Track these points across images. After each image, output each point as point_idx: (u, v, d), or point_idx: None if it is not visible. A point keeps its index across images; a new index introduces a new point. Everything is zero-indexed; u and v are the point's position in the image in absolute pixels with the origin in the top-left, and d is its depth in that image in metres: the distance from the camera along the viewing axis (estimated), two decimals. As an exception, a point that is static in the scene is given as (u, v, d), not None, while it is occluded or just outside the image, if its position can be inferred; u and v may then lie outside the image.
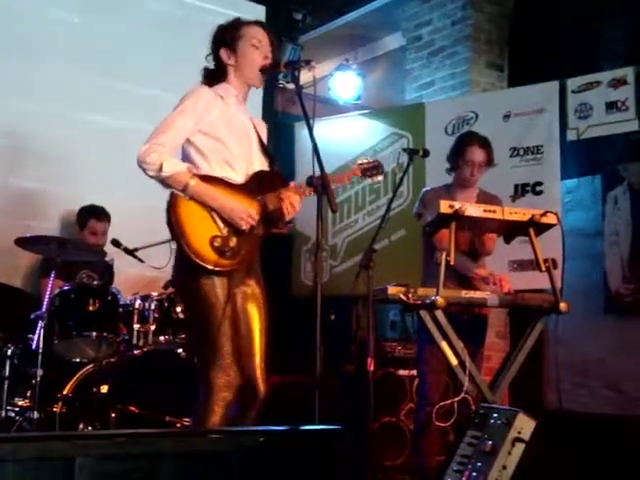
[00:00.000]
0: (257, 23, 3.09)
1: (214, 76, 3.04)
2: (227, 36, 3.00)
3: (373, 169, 3.31)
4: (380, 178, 3.36)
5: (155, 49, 5.47)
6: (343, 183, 3.38)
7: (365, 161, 3.34)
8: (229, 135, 2.92)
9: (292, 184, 3.04)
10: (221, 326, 2.79)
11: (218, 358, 2.80)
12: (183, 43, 5.55)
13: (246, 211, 2.86)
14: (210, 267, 2.78)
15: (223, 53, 3.00)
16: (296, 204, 2.95)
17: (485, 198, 3.96)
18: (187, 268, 2.83)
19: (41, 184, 5.04)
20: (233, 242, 2.83)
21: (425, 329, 3.39)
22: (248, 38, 2.98)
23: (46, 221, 5.01)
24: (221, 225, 2.83)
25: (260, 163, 3.04)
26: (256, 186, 2.96)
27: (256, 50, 2.97)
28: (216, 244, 2.80)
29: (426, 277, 3.89)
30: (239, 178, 2.94)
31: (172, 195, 2.82)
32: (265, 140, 3.16)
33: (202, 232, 2.80)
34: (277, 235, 3.01)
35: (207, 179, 2.88)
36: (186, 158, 2.96)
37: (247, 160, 2.97)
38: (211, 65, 3.07)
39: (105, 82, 5.22)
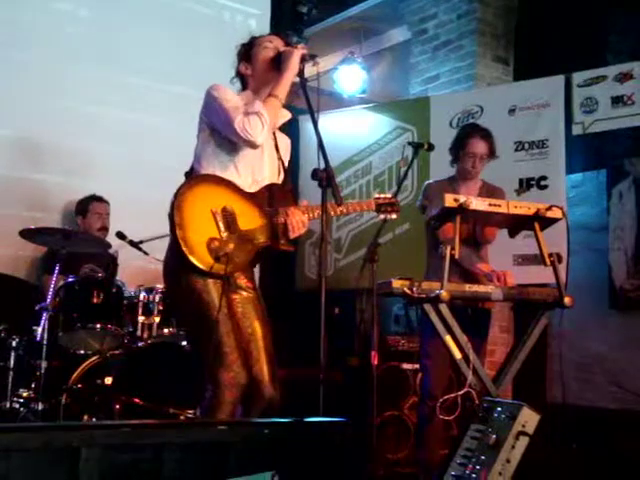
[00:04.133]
0: (271, 33, 3.15)
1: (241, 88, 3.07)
2: (243, 51, 3.05)
3: (388, 206, 3.27)
4: (395, 217, 3.32)
5: (160, 43, 5.46)
6: (354, 212, 3.35)
7: (382, 196, 3.31)
8: None
9: (304, 203, 3.03)
10: (220, 324, 2.78)
11: (222, 356, 2.79)
12: (188, 36, 5.56)
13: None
14: (202, 267, 2.78)
15: (242, 67, 3.05)
16: (303, 224, 2.95)
17: (489, 190, 3.95)
18: (180, 265, 2.82)
19: (46, 176, 5.05)
20: (230, 248, 2.82)
21: (428, 323, 3.39)
22: (259, 43, 3.02)
23: (51, 213, 5.01)
24: (222, 228, 2.83)
25: (270, 174, 3.03)
26: (266, 198, 2.96)
27: (267, 49, 2.99)
28: (213, 246, 2.79)
29: (429, 270, 3.89)
30: (243, 182, 2.93)
31: (179, 190, 2.83)
32: (285, 155, 3.15)
33: (202, 232, 2.80)
34: (281, 252, 2.98)
35: (217, 180, 2.89)
36: (197, 153, 2.97)
37: (254, 167, 2.95)
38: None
39: (114, 76, 5.22)
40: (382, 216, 3.31)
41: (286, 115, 3.13)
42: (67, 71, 5.09)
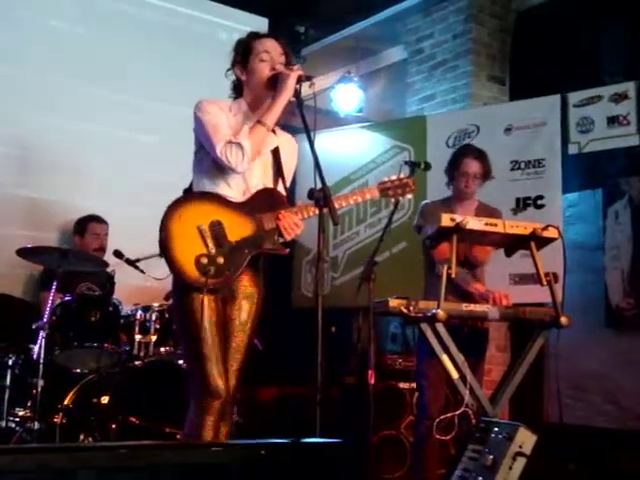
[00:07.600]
0: (269, 35, 3.06)
1: (236, 91, 3.05)
2: (240, 52, 3.00)
3: (399, 188, 3.13)
4: (410, 196, 3.20)
5: (158, 61, 5.50)
6: (356, 203, 3.17)
7: (388, 179, 3.15)
8: None
9: (299, 203, 3.00)
10: (209, 346, 2.78)
11: (206, 377, 2.79)
12: (185, 55, 5.60)
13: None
14: (193, 284, 2.79)
15: (237, 69, 3.01)
16: (297, 225, 2.92)
17: (485, 211, 3.96)
18: (176, 285, 2.88)
19: (43, 195, 5.06)
20: (220, 261, 2.82)
21: (425, 342, 3.39)
22: (257, 53, 2.95)
23: (48, 231, 5.02)
24: (210, 244, 2.83)
25: (264, 178, 3.00)
26: (257, 204, 2.93)
27: (263, 63, 2.94)
28: (202, 262, 2.79)
29: (428, 290, 3.89)
30: (235, 194, 2.93)
31: (165, 212, 2.84)
32: (290, 158, 3.13)
33: (189, 250, 2.80)
34: (275, 255, 2.98)
35: (201, 196, 2.90)
36: (192, 167, 2.99)
37: (244, 175, 2.93)
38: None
39: (112, 94, 5.25)
40: (393, 200, 3.20)
41: (275, 142, 3.06)
42: (65, 89, 5.12)
